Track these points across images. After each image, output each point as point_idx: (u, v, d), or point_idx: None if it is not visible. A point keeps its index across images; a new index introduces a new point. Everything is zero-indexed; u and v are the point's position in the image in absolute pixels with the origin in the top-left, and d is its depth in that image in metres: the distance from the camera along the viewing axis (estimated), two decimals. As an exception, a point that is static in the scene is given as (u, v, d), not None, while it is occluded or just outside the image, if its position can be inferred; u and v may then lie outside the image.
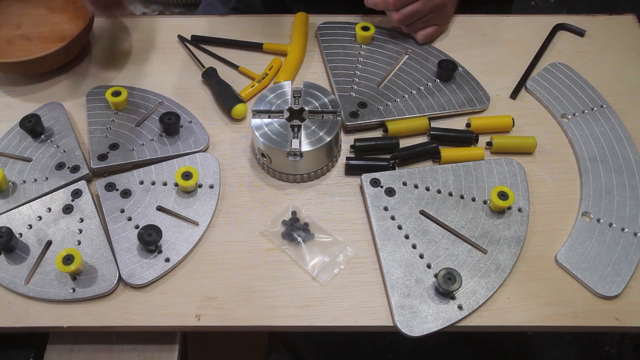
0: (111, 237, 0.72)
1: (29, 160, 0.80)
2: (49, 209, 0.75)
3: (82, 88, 0.89)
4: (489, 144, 0.81)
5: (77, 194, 0.76)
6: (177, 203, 0.75)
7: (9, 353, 0.74)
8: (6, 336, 0.74)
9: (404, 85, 0.87)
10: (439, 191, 0.75)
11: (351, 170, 0.79)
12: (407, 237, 0.72)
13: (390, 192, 0.75)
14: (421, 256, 0.70)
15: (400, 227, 0.72)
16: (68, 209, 0.75)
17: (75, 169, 0.78)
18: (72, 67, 0.92)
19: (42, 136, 0.82)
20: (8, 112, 0.87)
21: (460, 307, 0.67)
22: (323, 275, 0.70)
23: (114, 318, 0.68)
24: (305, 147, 0.74)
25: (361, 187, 0.77)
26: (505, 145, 0.80)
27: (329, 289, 0.69)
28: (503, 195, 0.72)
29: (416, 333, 0.65)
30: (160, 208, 0.75)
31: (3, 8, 0.95)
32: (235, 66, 0.91)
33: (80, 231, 0.73)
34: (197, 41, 0.95)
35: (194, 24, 0.97)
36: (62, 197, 0.76)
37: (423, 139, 0.82)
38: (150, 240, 0.69)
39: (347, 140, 0.82)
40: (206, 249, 0.73)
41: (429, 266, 0.70)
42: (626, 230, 0.72)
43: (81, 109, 0.86)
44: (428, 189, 0.75)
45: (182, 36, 0.95)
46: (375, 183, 0.76)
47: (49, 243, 0.72)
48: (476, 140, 0.81)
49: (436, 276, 0.66)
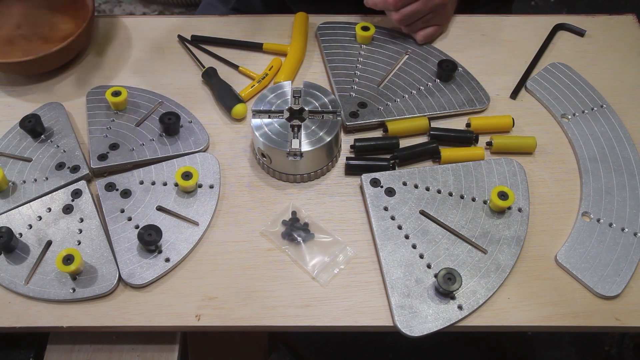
0: (111, 237, 0.72)
1: (29, 160, 0.80)
2: (49, 209, 0.75)
3: (82, 88, 0.89)
4: (489, 144, 0.81)
5: (77, 194, 0.76)
6: (177, 203, 0.75)
7: (9, 353, 0.74)
8: (6, 336, 0.74)
9: (404, 85, 0.87)
10: (439, 191, 0.75)
11: (351, 170, 0.79)
12: (407, 237, 0.72)
13: (390, 192, 0.75)
14: (421, 256, 0.70)
15: (400, 227, 0.72)
16: (68, 209, 0.75)
17: (75, 169, 0.78)
18: (72, 67, 0.92)
19: (42, 136, 0.82)
20: (8, 112, 0.87)
21: (460, 307, 0.67)
22: (323, 275, 0.70)
23: (114, 318, 0.68)
24: (305, 147, 0.74)
25: (361, 187, 0.77)
26: (505, 145, 0.80)
27: (329, 289, 0.69)
28: (503, 195, 0.72)
29: (416, 333, 0.65)
30: (160, 208, 0.75)
31: (3, 8, 0.95)
32: (235, 66, 0.91)
33: (80, 231, 0.73)
34: (197, 41, 0.95)
35: (194, 24, 0.97)
36: (62, 197, 0.76)
37: (423, 139, 0.82)
38: (150, 240, 0.69)
39: (347, 140, 0.82)
40: (206, 249, 0.73)
41: (429, 266, 0.70)
42: (626, 230, 0.72)
43: (81, 109, 0.86)
44: (428, 189, 0.75)
45: (182, 36, 0.95)
46: (375, 183, 0.76)
47: (49, 243, 0.72)
48: (476, 140, 0.81)
49: (436, 276, 0.66)
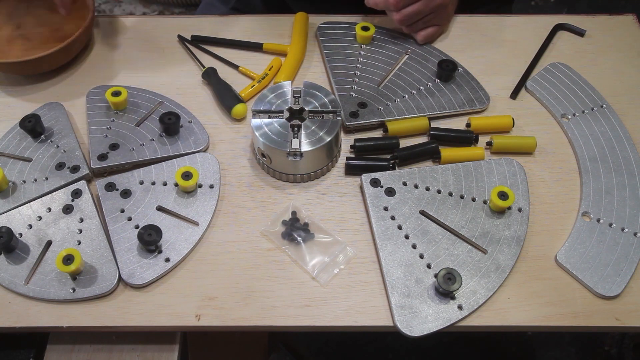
0: (111, 237, 0.72)
1: (29, 160, 0.80)
2: (49, 209, 0.75)
3: (82, 88, 0.89)
4: (489, 144, 0.81)
5: (77, 194, 0.76)
6: (177, 203, 0.75)
7: (9, 353, 0.74)
8: (6, 336, 0.74)
9: (404, 85, 0.87)
10: (439, 191, 0.75)
11: (351, 170, 0.79)
12: (407, 237, 0.72)
13: (390, 192, 0.75)
14: (421, 256, 0.70)
15: (400, 227, 0.72)
16: (68, 209, 0.75)
17: (75, 169, 0.78)
18: (72, 67, 0.92)
19: (42, 136, 0.82)
20: (8, 112, 0.87)
21: (460, 307, 0.67)
22: (323, 275, 0.70)
23: (114, 318, 0.68)
24: (305, 147, 0.74)
25: (361, 187, 0.77)
26: (505, 145, 0.80)
27: (329, 289, 0.69)
28: (503, 195, 0.72)
29: (416, 333, 0.65)
30: (160, 208, 0.75)
31: (3, 8, 0.95)
32: (235, 66, 0.91)
33: (80, 231, 0.73)
34: (197, 41, 0.95)
35: (194, 24, 0.97)
36: (62, 197, 0.76)
37: (423, 139, 0.82)
38: (150, 240, 0.69)
39: (347, 140, 0.82)
40: (206, 249, 0.73)
41: (429, 266, 0.70)
42: (626, 230, 0.72)
43: (81, 109, 0.86)
44: (428, 189, 0.75)
45: (182, 36, 0.95)
46: (375, 183, 0.76)
47: (49, 243, 0.72)
48: (476, 140, 0.81)
49: (436, 276, 0.66)
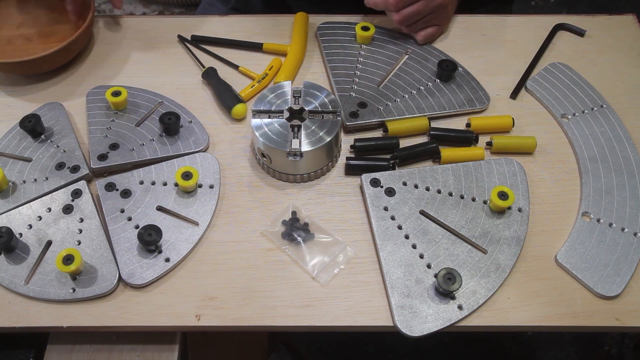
0: (111, 237, 0.72)
1: (29, 160, 0.80)
2: (49, 209, 0.75)
3: (82, 88, 0.89)
4: (489, 144, 0.81)
5: (77, 194, 0.76)
6: (177, 203, 0.75)
7: (9, 353, 0.74)
8: (6, 336, 0.74)
9: (404, 85, 0.87)
10: (439, 191, 0.75)
11: (351, 170, 0.79)
12: (407, 237, 0.72)
13: (390, 192, 0.75)
14: (421, 256, 0.70)
15: (400, 227, 0.72)
16: (68, 209, 0.75)
17: (75, 169, 0.78)
18: (72, 67, 0.92)
19: (42, 136, 0.82)
20: (8, 112, 0.87)
21: (460, 307, 0.67)
22: (323, 275, 0.70)
23: (114, 318, 0.68)
24: (305, 147, 0.74)
25: (361, 187, 0.77)
26: (505, 145, 0.80)
27: (329, 289, 0.69)
28: (503, 195, 0.72)
29: (416, 333, 0.65)
30: (160, 208, 0.75)
31: (3, 8, 0.95)
32: (235, 66, 0.91)
33: (80, 231, 0.73)
34: (197, 41, 0.95)
35: (194, 24, 0.97)
36: (62, 197, 0.76)
37: (423, 139, 0.82)
38: (150, 240, 0.69)
39: (347, 140, 0.82)
40: (206, 249, 0.73)
41: (429, 266, 0.70)
42: (626, 230, 0.72)
43: (81, 109, 0.86)
44: (428, 189, 0.75)
45: (182, 36, 0.95)
46: (375, 183, 0.76)
47: (49, 243, 0.72)
48: (476, 140, 0.81)
49: (436, 276, 0.66)
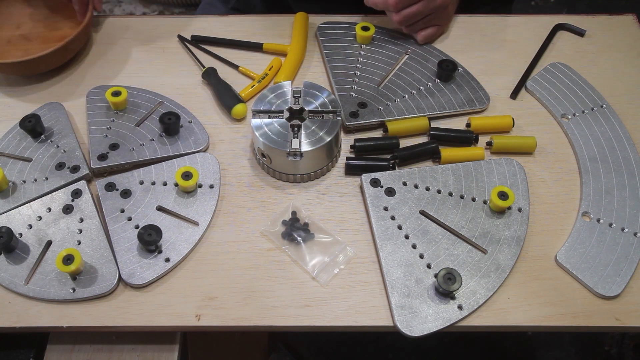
0: (111, 237, 0.72)
1: (29, 160, 0.80)
2: (49, 209, 0.75)
3: (82, 88, 0.89)
4: (489, 144, 0.81)
5: (77, 194, 0.76)
6: (177, 203, 0.75)
7: (9, 353, 0.74)
8: (6, 336, 0.74)
9: (404, 85, 0.87)
10: (439, 191, 0.75)
11: (351, 170, 0.79)
12: (407, 237, 0.72)
13: (390, 192, 0.75)
14: (421, 256, 0.70)
15: (400, 227, 0.72)
16: (68, 209, 0.75)
17: (75, 169, 0.78)
18: (72, 67, 0.92)
19: (42, 136, 0.82)
20: (8, 112, 0.87)
21: (460, 307, 0.67)
22: (323, 275, 0.70)
23: (114, 318, 0.68)
24: (305, 147, 0.74)
25: (361, 187, 0.77)
26: (505, 145, 0.80)
27: (329, 289, 0.69)
28: (503, 195, 0.72)
29: (416, 333, 0.65)
30: (160, 208, 0.75)
31: (3, 8, 0.95)
32: (235, 66, 0.91)
33: (80, 231, 0.73)
34: (197, 41, 0.95)
35: (194, 24, 0.97)
36: (62, 197, 0.76)
37: (423, 139, 0.82)
38: (150, 240, 0.69)
39: (347, 140, 0.82)
40: (206, 249, 0.73)
41: (429, 266, 0.70)
42: (626, 230, 0.72)
43: (81, 109, 0.86)
44: (428, 189, 0.75)
45: (182, 36, 0.95)
46: (375, 183, 0.76)
47: (49, 243, 0.72)
48: (476, 140, 0.81)
49: (436, 276, 0.66)
